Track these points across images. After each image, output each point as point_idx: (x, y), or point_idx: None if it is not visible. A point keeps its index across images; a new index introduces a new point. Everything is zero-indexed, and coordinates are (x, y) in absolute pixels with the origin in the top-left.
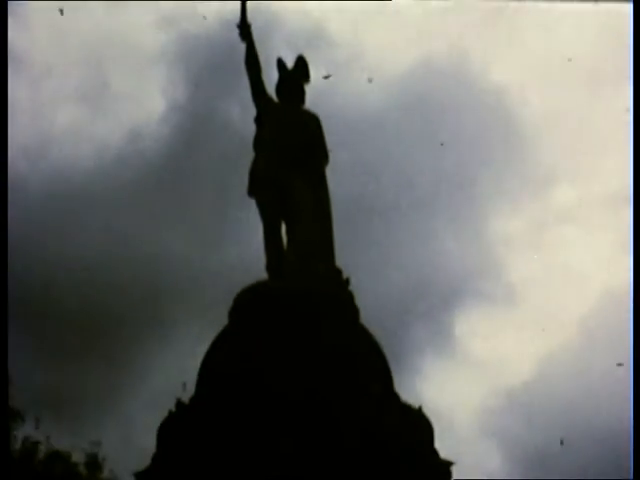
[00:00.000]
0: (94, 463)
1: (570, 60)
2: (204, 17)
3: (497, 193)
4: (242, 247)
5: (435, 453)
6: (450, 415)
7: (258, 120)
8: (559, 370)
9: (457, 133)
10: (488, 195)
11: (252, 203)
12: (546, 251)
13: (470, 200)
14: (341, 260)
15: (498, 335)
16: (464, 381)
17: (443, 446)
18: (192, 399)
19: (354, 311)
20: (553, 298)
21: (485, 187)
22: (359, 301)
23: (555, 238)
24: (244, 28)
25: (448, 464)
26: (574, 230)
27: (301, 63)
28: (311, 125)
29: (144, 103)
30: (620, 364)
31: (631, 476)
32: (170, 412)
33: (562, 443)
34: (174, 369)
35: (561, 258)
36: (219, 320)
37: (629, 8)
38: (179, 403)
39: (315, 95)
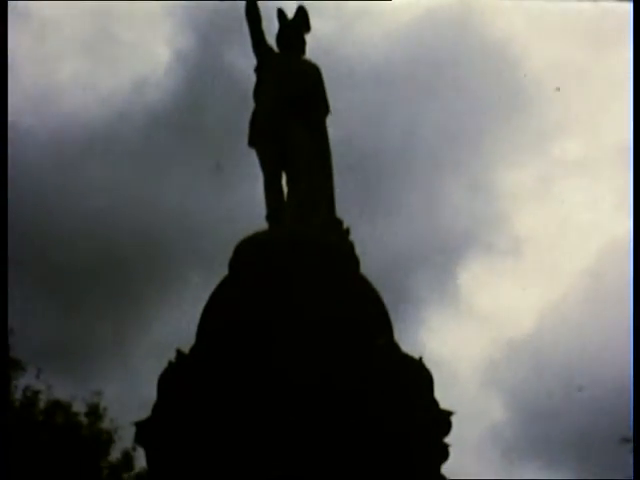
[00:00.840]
0: (95, 413)
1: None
2: None
3: (503, 145)
4: (245, 197)
5: (435, 403)
6: (453, 366)
7: (258, 70)
8: (562, 322)
9: (462, 85)
10: (494, 147)
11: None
12: (552, 204)
13: (475, 152)
14: (343, 210)
15: (502, 287)
16: (467, 332)
17: (445, 397)
18: (192, 349)
19: (354, 261)
20: (558, 250)
21: (491, 139)
22: (361, 251)
23: (561, 190)
24: None
25: (448, 414)
26: (580, 182)
27: (301, 13)
28: (312, 75)
29: (149, 54)
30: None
31: (631, 429)
32: (170, 362)
33: (580, 390)
34: (177, 320)
35: (566, 210)
36: (222, 271)
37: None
38: (179, 353)
39: (319, 46)
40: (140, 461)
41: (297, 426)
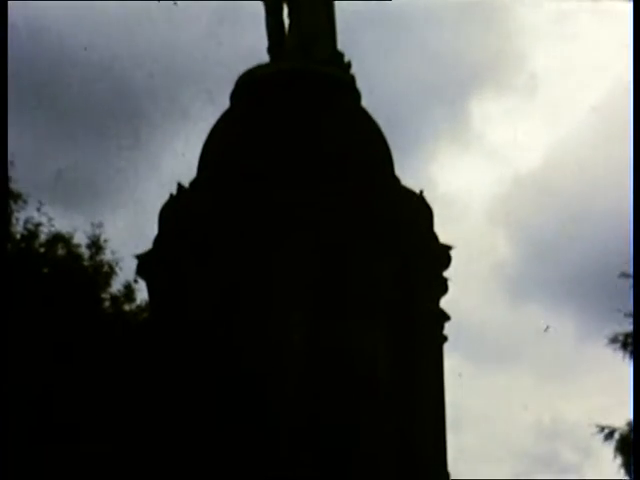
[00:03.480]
0: (96, 245)
1: None
2: None
3: None
4: (249, 33)
5: (435, 237)
6: (461, 202)
7: None
8: (570, 159)
9: None
10: None
11: None
12: (566, 42)
13: None
14: (359, 45)
15: (514, 123)
16: (477, 169)
17: (452, 232)
18: (192, 182)
19: (355, 94)
20: (570, 88)
21: None
22: (375, 85)
23: (575, 29)
24: None
25: (447, 248)
26: (594, 21)
27: None
28: None
29: None
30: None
31: (631, 269)
32: (171, 195)
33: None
34: (185, 155)
35: (580, 48)
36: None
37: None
38: (180, 186)
39: None
40: (142, 293)
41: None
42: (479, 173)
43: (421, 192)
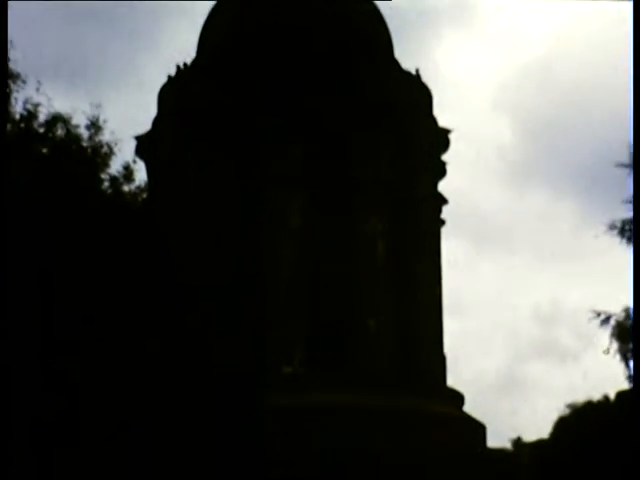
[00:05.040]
0: (95, 125)
1: None
2: None
3: None
4: None
5: (433, 120)
6: (467, 86)
7: None
8: (574, 50)
9: None
10: None
11: None
12: None
13: None
14: None
15: (519, 11)
16: (483, 54)
17: (455, 116)
18: (191, 64)
19: None
20: None
21: None
22: None
23: None
24: None
25: (446, 131)
26: None
27: None
28: None
29: None
30: None
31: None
32: (169, 77)
33: None
34: (184, 37)
35: None
36: None
37: (629, 8)
38: (179, 68)
39: None
40: (141, 173)
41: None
42: (484, 59)
43: (417, 72)
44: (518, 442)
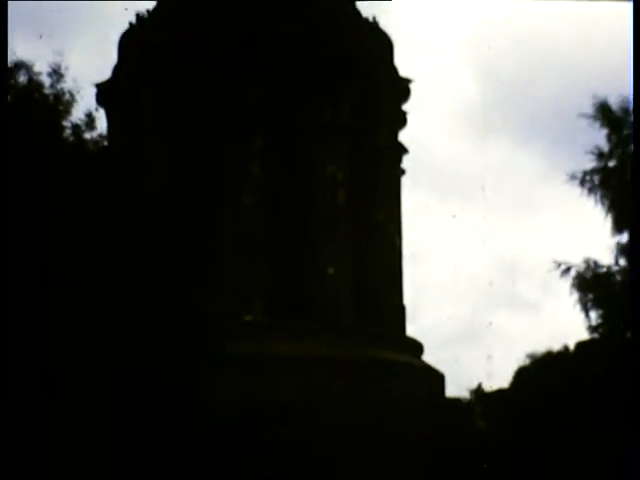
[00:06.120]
0: (57, 72)
1: None
2: None
3: None
4: None
5: (394, 68)
6: (429, 38)
7: None
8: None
9: None
10: None
11: None
12: None
13: None
14: None
15: None
16: (447, 6)
17: (417, 66)
18: (152, 11)
19: None
20: None
21: None
22: None
23: None
24: None
25: (407, 81)
26: None
27: None
28: None
29: None
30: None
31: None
32: (130, 24)
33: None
34: None
35: None
36: None
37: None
38: (139, 16)
39: None
40: (102, 121)
41: None
42: (448, 11)
43: (376, 20)
44: (477, 391)
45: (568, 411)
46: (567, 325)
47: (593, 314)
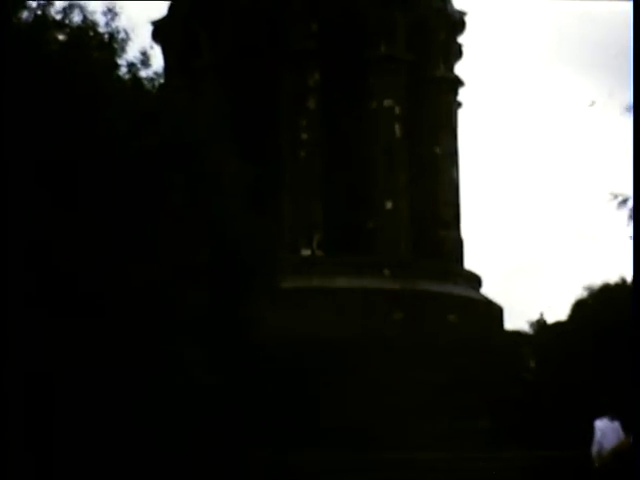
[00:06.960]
0: (111, 11)
1: None
2: None
3: None
4: None
5: (449, 0)
6: None
7: None
8: None
9: None
10: None
11: None
12: None
13: None
14: None
15: None
16: None
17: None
18: None
19: None
20: None
21: None
22: None
23: None
24: None
25: (462, 14)
26: None
27: None
28: None
29: None
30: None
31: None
32: None
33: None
34: None
35: None
36: None
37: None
38: None
39: None
40: (158, 59)
41: None
42: None
43: None
44: (537, 324)
45: (624, 344)
46: (624, 257)
47: None
